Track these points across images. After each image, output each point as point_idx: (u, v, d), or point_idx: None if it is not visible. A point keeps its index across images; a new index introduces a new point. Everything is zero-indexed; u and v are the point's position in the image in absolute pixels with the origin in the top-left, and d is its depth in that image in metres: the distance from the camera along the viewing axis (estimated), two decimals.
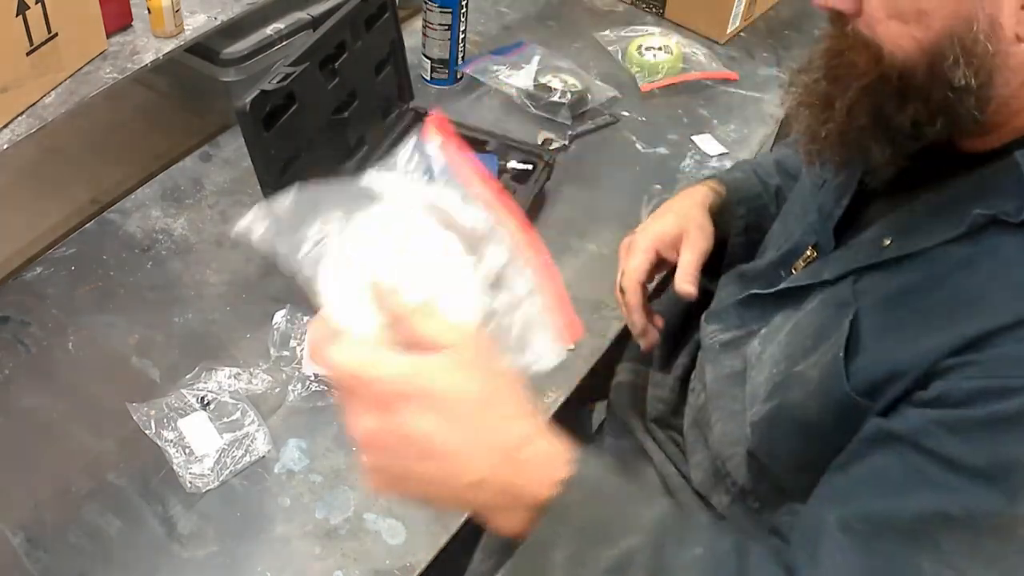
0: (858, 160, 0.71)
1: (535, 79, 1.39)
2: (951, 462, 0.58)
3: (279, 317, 1.03)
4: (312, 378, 0.98)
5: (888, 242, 0.71)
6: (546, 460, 0.55)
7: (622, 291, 0.97)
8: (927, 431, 0.59)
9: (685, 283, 0.93)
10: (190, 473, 0.90)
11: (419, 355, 0.52)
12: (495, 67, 1.41)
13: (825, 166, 0.77)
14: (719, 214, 1.00)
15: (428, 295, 0.55)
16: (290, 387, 0.98)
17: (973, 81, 0.60)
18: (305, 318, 1.03)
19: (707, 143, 1.36)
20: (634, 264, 0.96)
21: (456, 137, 0.62)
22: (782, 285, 0.82)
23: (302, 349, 1.00)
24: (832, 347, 0.70)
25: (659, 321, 0.99)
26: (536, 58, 1.43)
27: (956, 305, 0.63)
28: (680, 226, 0.97)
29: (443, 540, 0.87)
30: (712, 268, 0.99)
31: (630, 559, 0.56)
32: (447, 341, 0.53)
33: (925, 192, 0.70)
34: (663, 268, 1.00)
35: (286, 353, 1.01)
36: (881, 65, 0.64)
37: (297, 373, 0.99)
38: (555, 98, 1.36)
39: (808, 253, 0.82)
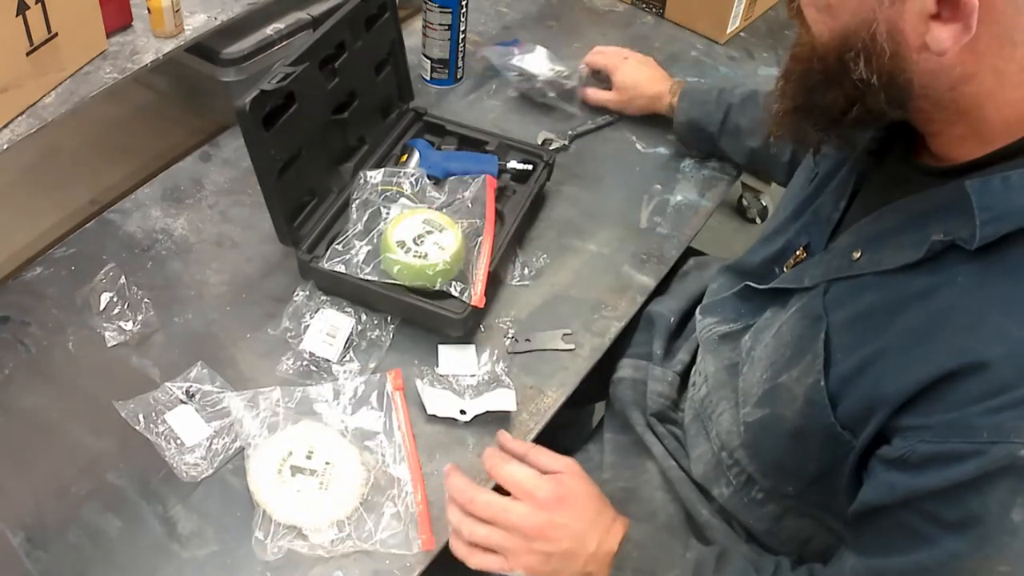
0: (798, 139, 0.77)
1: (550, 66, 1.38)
2: (932, 516, 0.64)
3: (299, 292, 1.06)
4: (308, 355, 1.00)
5: (857, 255, 0.73)
6: (616, 531, 0.80)
7: None
8: (907, 499, 0.65)
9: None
10: (184, 464, 0.90)
11: (550, 477, 0.81)
12: (505, 56, 1.40)
13: (780, 141, 0.83)
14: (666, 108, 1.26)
15: (328, 463, 0.89)
16: (283, 357, 1.00)
17: (875, 78, 0.63)
18: (322, 296, 1.05)
19: None
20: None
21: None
22: (773, 284, 0.84)
23: (306, 327, 1.02)
24: (812, 369, 0.72)
25: None
26: (540, 49, 1.41)
27: (913, 341, 0.65)
28: (631, 82, 1.32)
29: (443, 540, 0.87)
30: None
31: None
32: (558, 466, 0.82)
33: (895, 204, 0.72)
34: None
35: (293, 325, 1.03)
36: (812, 48, 0.68)
37: (295, 348, 1.01)
38: (573, 83, 1.37)
39: (799, 253, 0.83)
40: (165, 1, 1.07)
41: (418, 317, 1.04)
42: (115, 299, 1.04)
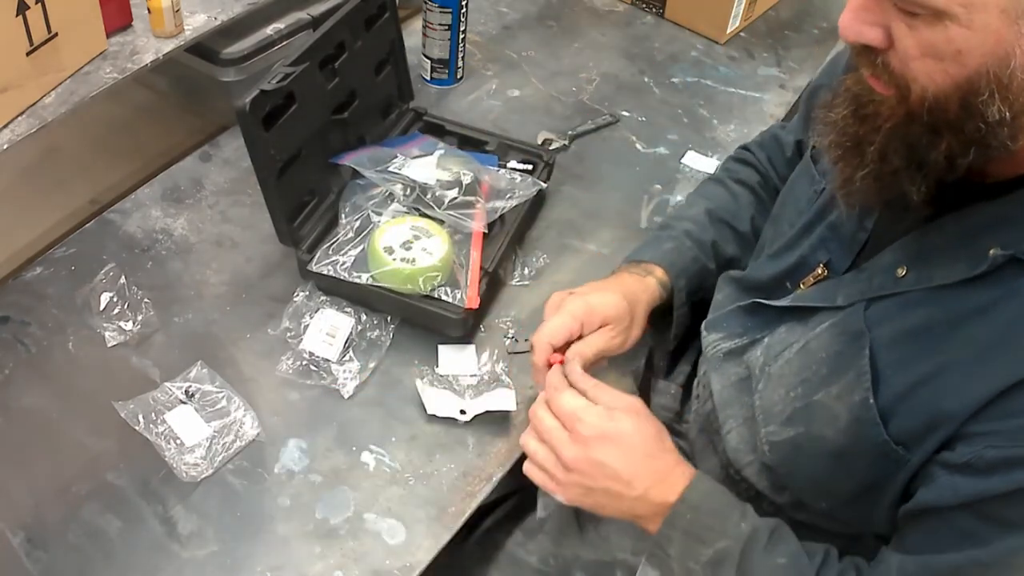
0: (896, 201, 0.69)
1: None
2: (992, 517, 0.64)
3: (299, 292, 1.06)
4: (307, 355, 1.00)
5: (903, 272, 0.71)
6: (675, 482, 0.78)
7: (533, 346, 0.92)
8: (968, 503, 0.65)
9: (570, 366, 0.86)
10: (184, 463, 0.90)
11: (600, 411, 0.80)
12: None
13: (864, 210, 0.76)
14: (665, 301, 0.98)
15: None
16: (283, 357, 1.00)
17: (1008, 114, 0.60)
18: (322, 296, 1.05)
19: (696, 161, 1.34)
20: (553, 325, 0.90)
21: None
22: (789, 301, 0.81)
23: (306, 326, 1.02)
24: (857, 387, 0.71)
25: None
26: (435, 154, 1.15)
27: (977, 354, 0.64)
28: (616, 312, 0.92)
29: (443, 540, 0.87)
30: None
31: (722, 558, 0.75)
32: (619, 404, 0.81)
33: (942, 218, 0.70)
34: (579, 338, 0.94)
35: (293, 325, 1.03)
36: (908, 102, 0.63)
37: (295, 348, 1.01)
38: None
39: (819, 271, 0.81)
40: (165, 1, 1.07)
41: (418, 317, 1.04)
42: (115, 299, 1.04)
